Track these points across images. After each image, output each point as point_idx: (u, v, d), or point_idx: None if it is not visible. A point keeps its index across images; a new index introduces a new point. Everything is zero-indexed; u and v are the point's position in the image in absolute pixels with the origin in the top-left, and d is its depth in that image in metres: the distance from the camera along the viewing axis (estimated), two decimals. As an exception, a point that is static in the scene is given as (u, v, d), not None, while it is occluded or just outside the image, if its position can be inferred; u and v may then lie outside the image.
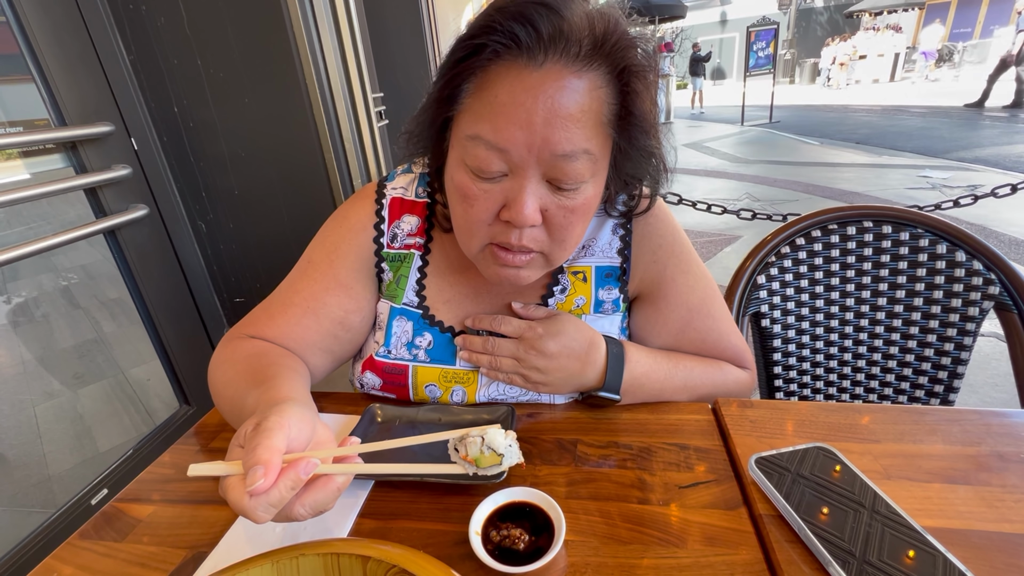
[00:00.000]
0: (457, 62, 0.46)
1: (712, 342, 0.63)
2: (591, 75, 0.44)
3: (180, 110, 1.29)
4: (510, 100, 0.43)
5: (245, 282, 1.49)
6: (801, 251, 0.83)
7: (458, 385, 0.62)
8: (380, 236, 0.62)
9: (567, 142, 0.44)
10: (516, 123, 0.43)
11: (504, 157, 0.45)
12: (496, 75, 0.44)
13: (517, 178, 0.46)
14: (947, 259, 0.78)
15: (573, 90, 0.43)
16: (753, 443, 0.51)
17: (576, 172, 0.46)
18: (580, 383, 0.58)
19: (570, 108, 0.43)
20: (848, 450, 0.47)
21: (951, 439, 0.49)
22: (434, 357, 0.62)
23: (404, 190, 0.64)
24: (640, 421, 0.57)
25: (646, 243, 0.61)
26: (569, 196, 0.47)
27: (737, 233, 3.36)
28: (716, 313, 0.63)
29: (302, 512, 0.37)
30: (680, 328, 0.62)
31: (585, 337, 0.57)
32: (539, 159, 0.45)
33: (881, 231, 0.81)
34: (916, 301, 0.81)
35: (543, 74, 0.43)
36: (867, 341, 0.84)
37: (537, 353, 0.56)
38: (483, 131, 0.45)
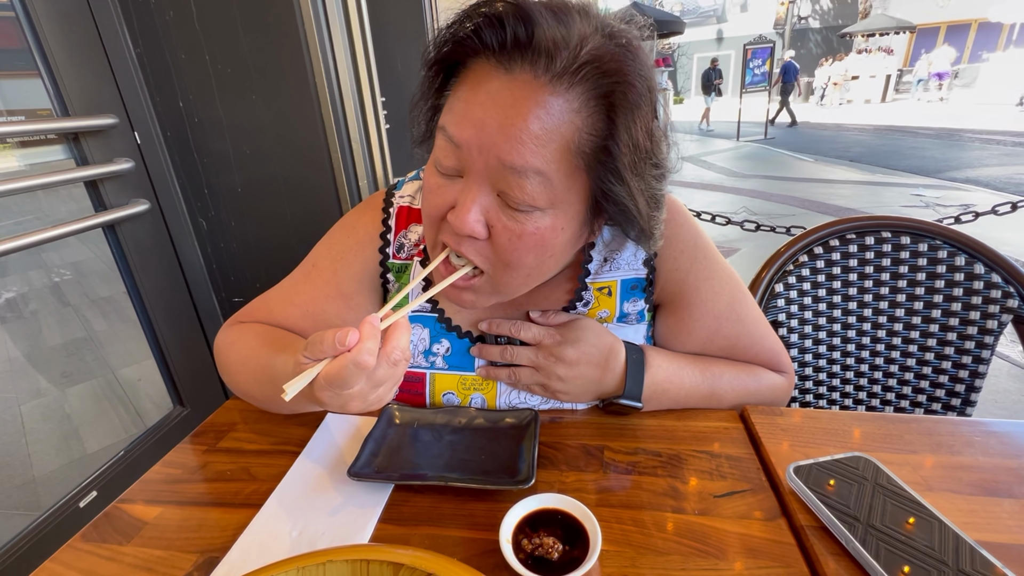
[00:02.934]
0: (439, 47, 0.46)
1: (744, 347, 0.60)
2: (568, 95, 0.41)
3: (185, 105, 1.27)
4: (472, 98, 0.42)
5: (244, 282, 1.46)
6: (819, 260, 0.83)
7: (477, 392, 0.60)
8: (386, 247, 0.61)
9: (517, 155, 0.40)
10: (472, 122, 0.42)
11: (458, 155, 0.43)
12: (472, 71, 0.43)
13: (467, 182, 0.44)
14: (965, 271, 0.78)
15: (538, 104, 0.40)
16: (787, 452, 0.49)
17: (526, 192, 0.42)
18: (600, 390, 0.56)
19: (529, 122, 0.40)
20: (886, 460, 0.45)
21: (990, 451, 0.48)
22: (452, 364, 0.60)
23: (411, 198, 0.62)
24: (667, 428, 0.55)
25: (668, 250, 0.58)
26: (518, 218, 0.43)
27: (736, 246, 3.37)
28: (745, 317, 0.60)
29: (396, 355, 0.38)
30: (708, 336, 0.60)
31: (605, 343, 0.55)
32: (488, 165, 0.42)
33: (899, 242, 0.81)
34: (934, 313, 0.80)
35: (509, 80, 0.41)
36: (884, 352, 0.83)
37: (556, 360, 0.54)
38: (447, 122, 0.44)
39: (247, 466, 0.52)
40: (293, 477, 0.50)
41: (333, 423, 0.58)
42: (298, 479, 0.50)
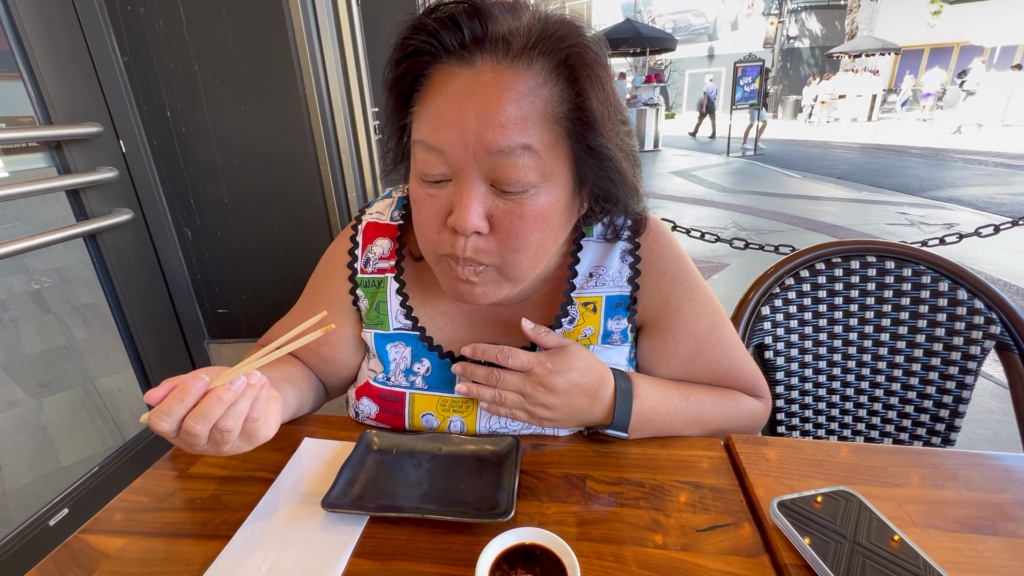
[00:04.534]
0: (396, 64, 0.47)
1: (724, 371, 0.60)
2: (530, 72, 0.43)
3: (173, 114, 1.25)
4: (443, 101, 0.44)
5: (229, 293, 1.44)
6: (805, 283, 0.83)
7: (456, 415, 0.58)
8: (354, 263, 0.63)
9: (501, 138, 0.42)
10: (449, 123, 0.43)
11: (444, 159, 0.45)
12: (435, 79, 0.45)
13: (459, 182, 0.45)
14: (949, 297, 0.79)
15: (507, 87, 0.43)
16: (771, 484, 0.48)
17: (518, 171, 0.44)
18: (586, 419, 0.55)
19: (504, 105, 0.42)
20: (870, 494, 0.45)
21: (973, 485, 0.47)
22: (432, 384, 0.59)
23: (380, 214, 0.64)
24: (650, 456, 0.54)
25: (651, 271, 0.59)
26: (516, 201, 0.45)
27: (725, 261, 3.40)
28: (725, 341, 0.61)
29: (192, 424, 0.40)
30: (689, 359, 0.60)
31: (596, 374, 0.53)
32: (476, 158, 0.43)
33: (884, 267, 0.81)
34: (918, 338, 0.80)
35: (474, 73, 0.43)
36: (870, 377, 0.83)
37: (545, 390, 0.51)
38: (423, 134, 0.45)
39: (218, 494, 0.50)
40: (265, 506, 0.48)
41: (309, 449, 0.56)
42: (271, 508, 0.48)
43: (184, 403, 0.40)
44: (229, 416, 0.41)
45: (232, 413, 0.42)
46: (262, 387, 0.44)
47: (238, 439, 0.43)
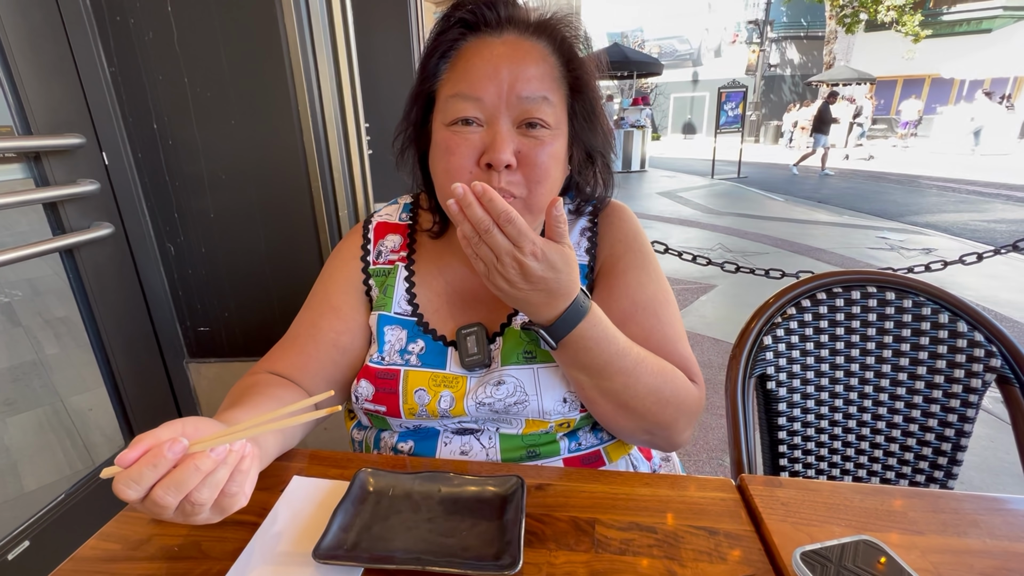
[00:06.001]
0: (437, 35, 0.59)
1: (656, 342, 0.60)
2: (540, 44, 0.58)
3: (160, 127, 1.22)
4: (480, 61, 0.56)
5: (212, 310, 1.39)
6: (807, 313, 0.82)
7: (447, 390, 0.61)
8: (366, 255, 0.70)
9: (529, 87, 0.55)
10: (487, 76, 0.55)
11: (479, 106, 0.55)
12: (468, 48, 0.58)
13: (493, 124, 0.56)
14: (949, 329, 0.78)
15: (528, 51, 0.57)
16: (788, 530, 0.46)
17: (543, 112, 0.56)
18: (532, 312, 0.53)
19: (527, 63, 0.56)
20: (893, 543, 0.43)
21: (996, 532, 0.46)
22: (425, 362, 0.64)
23: (389, 216, 0.73)
24: (661, 498, 0.52)
25: (608, 238, 0.68)
26: (539, 138, 0.56)
27: (713, 282, 3.42)
28: (664, 316, 0.63)
29: (162, 495, 0.37)
30: (621, 319, 0.59)
31: (568, 282, 0.51)
32: (508, 104, 0.55)
33: (884, 297, 0.81)
34: (920, 370, 0.80)
35: (504, 41, 0.57)
36: (872, 409, 0.82)
37: (519, 269, 0.49)
38: (461, 88, 0.56)
39: (198, 540, 0.46)
40: (251, 555, 0.44)
41: (298, 489, 0.52)
42: (256, 558, 0.44)
43: (157, 470, 0.36)
44: (205, 487, 0.38)
45: (208, 483, 0.38)
46: (245, 457, 0.40)
47: (208, 510, 0.39)
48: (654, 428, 0.59)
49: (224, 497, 0.39)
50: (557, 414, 0.60)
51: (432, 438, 0.64)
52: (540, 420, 0.61)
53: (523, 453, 0.63)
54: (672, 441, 0.61)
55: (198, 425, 0.41)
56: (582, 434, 0.65)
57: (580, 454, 0.64)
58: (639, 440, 0.64)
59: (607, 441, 0.66)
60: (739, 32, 19.80)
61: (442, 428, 0.64)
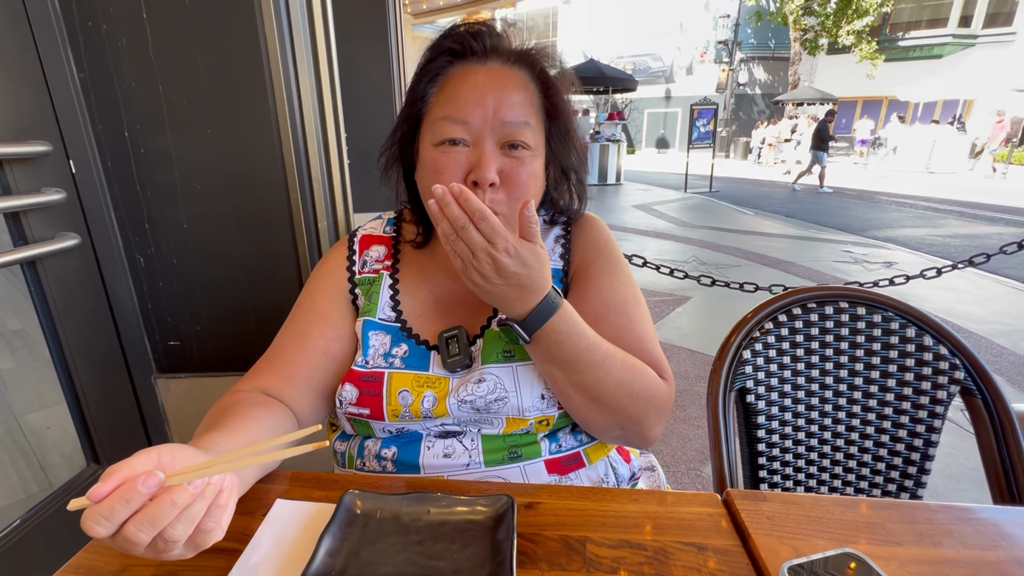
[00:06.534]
0: (427, 63, 0.64)
1: (627, 341, 0.63)
2: (521, 73, 0.63)
3: (131, 135, 1.18)
4: (467, 87, 0.61)
5: (183, 324, 1.35)
6: (783, 328, 0.84)
7: (430, 390, 0.63)
8: (352, 266, 0.73)
9: (511, 112, 0.60)
10: (474, 102, 0.60)
11: (466, 129, 0.60)
12: (455, 74, 0.62)
13: (478, 145, 0.60)
14: (916, 343, 0.82)
15: (510, 79, 0.62)
16: (774, 544, 0.47)
17: (524, 136, 0.61)
18: (505, 307, 0.57)
19: (510, 91, 0.61)
20: (874, 555, 0.44)
21: (968, 542, 0.48)
22: (409, 364, 0.65)
23: (373, 228, 0.77)
24: (650, 514, 0.52)
25: (580, 245, 0.72)
26: (519, 157, 0.61)
27: (688, 294, 3.49)
28: (634, 317, 0.66)
29: (135, 531, 0.35)
30: (594, 320, 0.62)
31: (540, 279, 0.55)
32: (492, 127, 0.60)
33: (856, 312, 0.84)
34: (889, 383, 0.83)
35: (488, 69, 0.62)
36: (845, 421, 0.85)
37: (492, 265, 0.52)
38: (449, 112, 0.60)
39: (176, 571, 0.44)
40: (231, 585, 0.43)
41: (282, 513, 0.51)
42: (237, 588, 0.43)
43: (130, 506, 0.35)
44: (180, 522, 0.36)
45: (184, 519, 0.36)
46: (223, 490, 0.38)
47: (181, 547, 0.38)
48: (626, 423, 0.61)
49: (199, 533, 0.38)
50: (536, 410, 0.62)
51: (415, 442, 0.64)
52: (520, 418, 0.62)
53: (505, 455, 0.63)
54: (644, 436, 0.63)
55: (174, 454, 0.39)
56: (562, 436, 0.66)
57: (561, 456, 0.65)
58: (613, 436, 0.65)
59: (587, 443, 0.68)
60: (707, 51, 20.49)
61: (424, 432, 0.65)
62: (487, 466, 0.63)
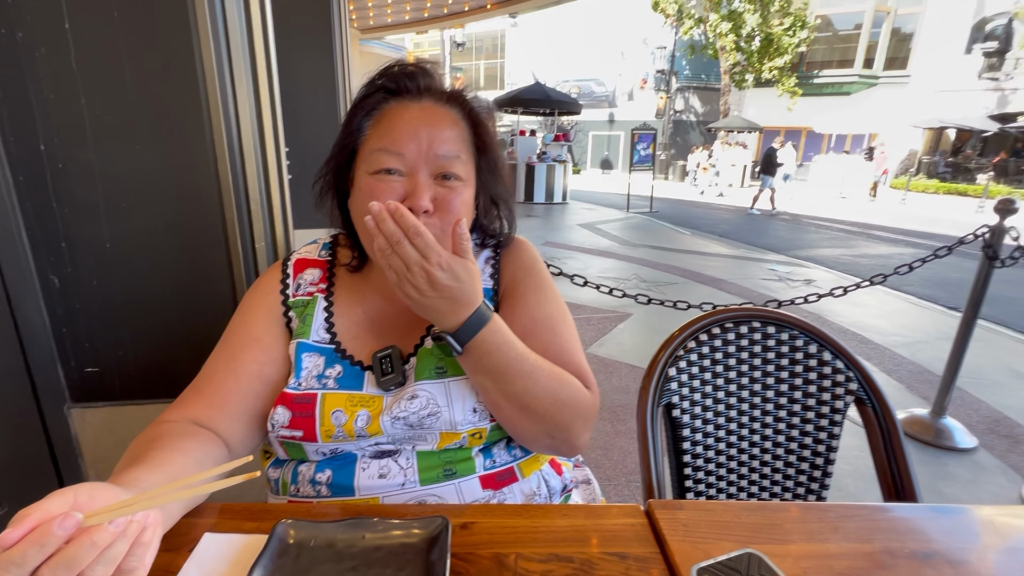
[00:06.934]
0: (363, 98, 0.68)
1: (554, 353, 0.67)
2: (452, 111, 0.68)
3: (48, 148, 1.11)
4: (402, 122, 0.65)
5: (104, 349, 1.26)
6: (704, 346, 0.92)
7: (363, 409, 0.64)
8: (286, 289, 0.73)
9: (444, 147, 0.65)
10: (408, 136, 0.64)
11: (402, 160, 0.64)
12: (391, 109, 0.67)
13: (413, 176, 0.64)
14: (817, 358, 0.91)
15: (443, 117, 0.67)
16: (687, 549, 0.51)
17: (456, 168, 0.65)
18: (438, 320, 0.60)
19: (443, 127, 0.66)
20: (772, 553, 0.49)
21: (850, 536, 0.54)
22: (343, 384, 0.66)
23: (308, 252, 0.78)
24: (577, 527, 0.55)
25: (509, 266, 0.76)
26: (451, 187, 0.65)
27: (628, 311, 3.64)
28: (561, 332, 0.71)
29: (49, 575, 0.34)
30: (522, 335, 0.65)
31: (471, 292, 0.59)
32: (426, 160, 0.64)
33: (767, 331, 0.93)
34: (796, 394, 0.92)
35: (422, 106, 0.67)
36: (760, 431, 0.93)
37: (426, 279, 0.56)
38: (386, 144, 0.64)
39: (90, 614, 0.43)
40: (153, 625, 0.42)
41: (210, 547, 0.50)
42: (160, 627, 0.41)
43: (44, 550, 0.33)
44: (100, 563, 0.35)
45: (104, 559, 0.35)
46: (147, 528, 0.37)
47: None
48: (554, 430, 0.65)
49: (121, 573, 0.37)
50: (468, 424, 0.65)
51: (350, 464, 0.65)
52: (453, 432, 0.64)
53: (440, 472, 0.65)
54: (571, 444, 0.67)
55: (93, 493, 0.38)
56: (496, 451, 0.69)
57: (495, 471, 0.68)
58: (543, 445, 0.68)
59: (520, 458, 0.71)
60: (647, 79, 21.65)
61: (359, 452, 0.65)
62: (422, 484, 0.64)
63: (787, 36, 16.93)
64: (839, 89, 18.32)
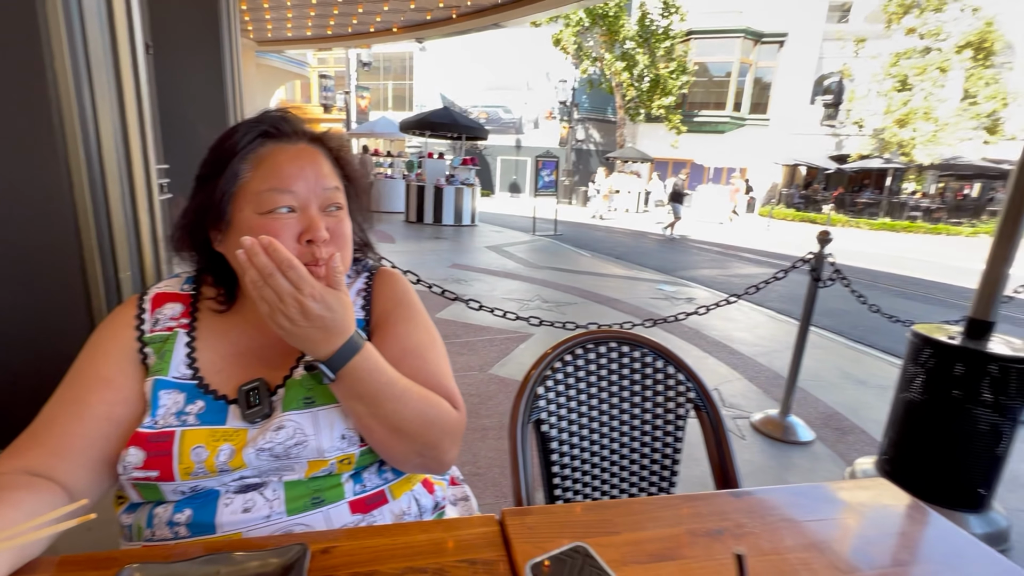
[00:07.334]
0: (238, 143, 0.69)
1: (423, 379, 0.73)
2: (321, 150, 0.74)
3: None
4: (287, 162, 0.69)
5: (-85, 394, 1.09)
6: (569, 366, 1.02)
7: (226, 443, 0.64)
8: (141, 324, 0.71)
9: (327, 181, 0.71)
10: (296, 174, 0.68)
11: (295, 197, 0.67)
12: (271, 152, 0.69)
13: (306, 211, 0.68)
14: (664, 372, 1.06)
15: (317, 154, 0.72)
16: (530, 550, 0.59)
17: (339, 198, 0.72)
18: (311, 349, 0.63)
19: (321, 163, 0.71)
20: (599, 543, 0.58)
21: (663, 523, 0.65)
22: (204, 420, 0.66)
23: (169, 287, 0.76)
24: (435, 540, 0.60)
25: (381, 298, 0.80)
26: (340, 218, 0.72)
27: (529, 332, 3.79)
28: (430, 358, 0.76)
29: None
30: (393, 362, 0.70)
31: (344, 322, 0.63)
32: (315, 195, 0.69)
33: (622, 350, 1.06)
34: (647, 404, 1.06)
35: (299, 147, 0.71)
36: (618, 439, 1.05)
37: (299, 309, 0.59)
38: (275, 184, 0.67)
39: None
40: None
41: (43, 600, 0.48)
42: None
43: None
44: None
45: None
46: None
47: None
48: (423, 449, 0.70)
49: None
50: (336, 450, 0.67)
51: (212, 502, 0.64)
52: (320, 460, 0.67)
53: (308, 501, 0.67)
54: (441, 460, 0.73)
55: None
56: (366, 475, 0.72)
57: (365, 495, 0.71)
58: (413, 464, 0.73)
59: (392, 480, 0.74)
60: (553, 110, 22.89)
61: (222, 488, 0.65)
62: (289, 515, 0.65)
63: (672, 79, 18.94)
64: (715, 128, 20.74)
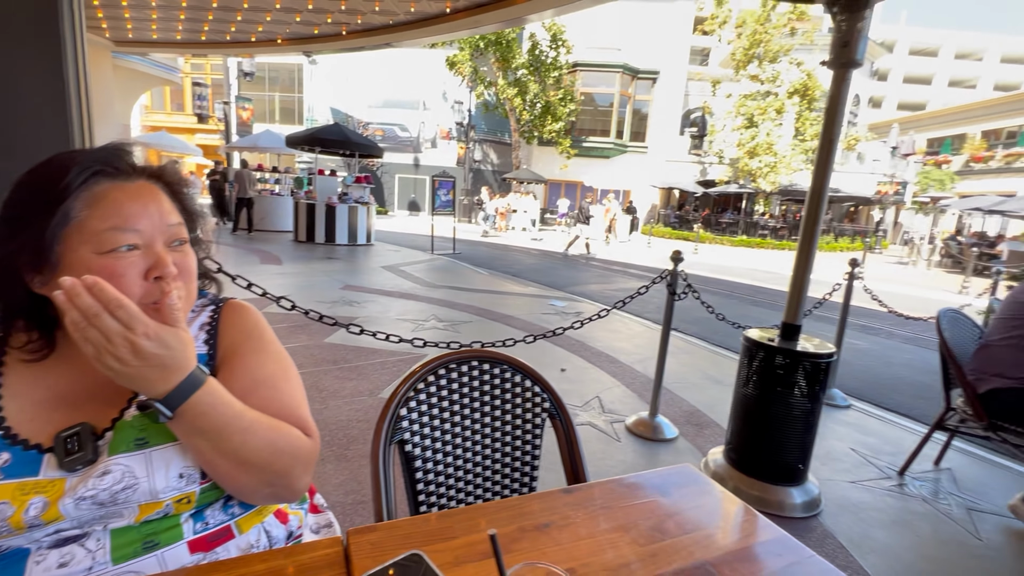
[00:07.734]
0: (69, 184, 0.63)
1: (275, 410, 0.72)
2: (159, 186, 0.72)
3: None
4: (127, 199, 0.66)
5: None
6: (432, 386, 1.08)
7: (39, 495, 0.60)
8: None
9: (171, 217, 0.70)
10: (139, 212, 0.66)
11: (139, 235, 0.66)
12: (109, 191, 0.66)
13: (152, 247, 0.66)
14: (522, 386, 1.15)
15: (157, 191, 0.71)
16: (369, 564, 0.62)
17: (182, 234, 0.72)
18: (145, 388, 0.60)
19: (162, 200, 0.70)
20: (435, 549, 0.64)
21: (498, 523, 0.72)
22: (10, 473, 0.61)
23: None
24: (275, 568, 0.61)
25: (228, 331, 0.79)
26: (186, 252, 0.72)
27: (424, 353, 3.79)
28: (283, 388, 0.76)
29: None
30: (243, 395, 0.70)
31: (182, 359, 0.61)
32: (160, 231, 0.68)
33: (483, 367, 1.14)
34: (507, 416, 1.14)
35: (138, 184, 0.69)
36: (482, 451, 1.12)
37: (131, 349, 0.56)
38: (117, 223, 0.64)
39: None
40: None
41: None
42: None
43: None
44: None
45: None
46: None
47: None
48: (273, 479, 0.70)
49: None
50: (173, 491, 0.65)
51: (19, 561, 0.60)
52: (154, 502, 0.64)
53: (139, 547, 0.64)
54: (292, 488, 0.72)
55: None
56: (209, 513, 0.71)
57: (207, 533, 0.69)
58: (263, 495, 0.72)
59: (239, 515, 0.73)
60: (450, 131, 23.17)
61: (33, 545, 0.61)
62: (115, 563, 0.62)
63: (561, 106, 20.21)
64: (601, 152, 22.44)
